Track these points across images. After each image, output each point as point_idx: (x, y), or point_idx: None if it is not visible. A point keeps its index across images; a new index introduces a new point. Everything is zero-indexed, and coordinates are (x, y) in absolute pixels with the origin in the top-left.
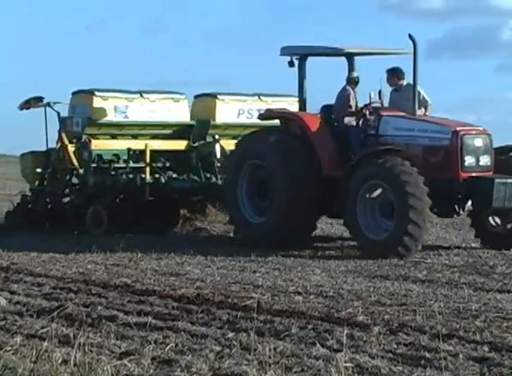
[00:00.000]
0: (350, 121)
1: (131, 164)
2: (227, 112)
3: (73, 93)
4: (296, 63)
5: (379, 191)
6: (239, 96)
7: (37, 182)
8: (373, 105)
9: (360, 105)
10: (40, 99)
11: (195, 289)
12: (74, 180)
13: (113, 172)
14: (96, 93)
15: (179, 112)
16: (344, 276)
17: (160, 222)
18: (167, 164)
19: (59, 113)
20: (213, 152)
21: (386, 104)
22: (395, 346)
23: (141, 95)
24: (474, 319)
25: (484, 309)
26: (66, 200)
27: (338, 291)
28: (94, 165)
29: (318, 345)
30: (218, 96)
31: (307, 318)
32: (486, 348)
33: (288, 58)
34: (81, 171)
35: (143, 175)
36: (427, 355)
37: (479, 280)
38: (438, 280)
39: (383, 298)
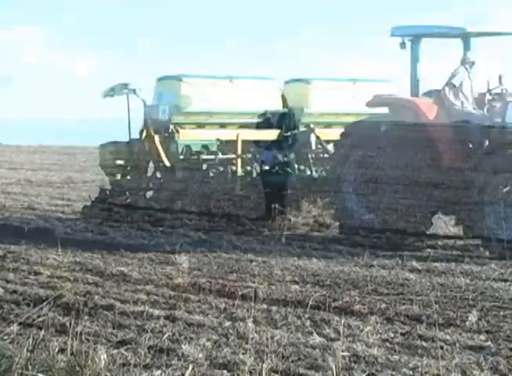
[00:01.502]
0: (468, 107)
1: (220, 156)
2: (320, 99)
3: (159, 79)
4: (408, 44)
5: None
6: (332, 82)
7: (118, 176)
8: (493, 91)
9: (476, 90)
10: (125, 85)
11: (192, 278)
12: (158, 174)
13: (201, 165)
14: (184, 79)
15: (271, 99)
16: (341, 266)
17: (251, 218)
18: (258, 156)
19: (144, 101)
20: (307, 142)
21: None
22: (392, 335)
23: (230, 81)
24: (471, 309)
25: (480, 298)
26: (150, 194)
27: (335, 280)
28: (181, 157)
29: (315, 334)
30: (311, 82)
31: (304, 307)
32: (483, 338)
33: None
34: (168, 163)
35: (234, 168)
36: (424, 344)
37: (476, 270)
38: (435, 269)
39: (379, 287)
